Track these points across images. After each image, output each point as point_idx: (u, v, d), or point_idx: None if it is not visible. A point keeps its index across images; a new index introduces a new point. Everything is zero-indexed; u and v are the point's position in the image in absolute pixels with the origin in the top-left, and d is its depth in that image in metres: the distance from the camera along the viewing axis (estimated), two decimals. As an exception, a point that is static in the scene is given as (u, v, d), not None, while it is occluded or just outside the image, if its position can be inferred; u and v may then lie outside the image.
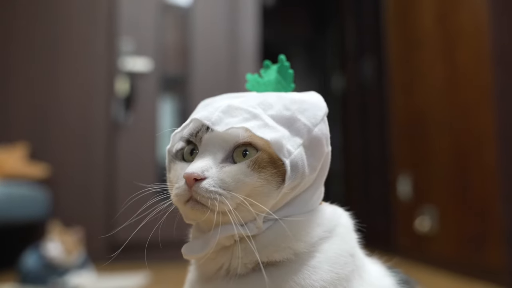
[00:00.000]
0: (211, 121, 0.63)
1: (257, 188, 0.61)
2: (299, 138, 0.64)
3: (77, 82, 3.53)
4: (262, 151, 0.62)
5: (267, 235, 0.64)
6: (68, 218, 3.29)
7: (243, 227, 0.62)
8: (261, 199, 0.62)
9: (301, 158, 0.63)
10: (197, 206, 0.61)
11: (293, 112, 0.65)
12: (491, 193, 2.48)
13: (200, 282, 0.68)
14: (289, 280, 0.62)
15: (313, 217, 0.68)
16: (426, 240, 3.13)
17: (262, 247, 0.63)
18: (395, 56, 3.73)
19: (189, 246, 0.65)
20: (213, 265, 0.66)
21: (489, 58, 2.51)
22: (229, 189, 0.60)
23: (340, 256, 0.66)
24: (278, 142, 0.61)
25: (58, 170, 3.39)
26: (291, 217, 0.65)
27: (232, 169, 0.61)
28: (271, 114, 0.64)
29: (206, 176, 0.60)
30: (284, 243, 0.64)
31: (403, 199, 3.51)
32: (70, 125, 3.49)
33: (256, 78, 0.75)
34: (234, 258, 0.65)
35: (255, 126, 0.61)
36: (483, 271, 2.52)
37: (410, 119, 3.44)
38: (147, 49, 3.63)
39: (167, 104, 3.88)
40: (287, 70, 0.73)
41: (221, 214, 0.60)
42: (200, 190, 0.60)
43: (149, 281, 2.63)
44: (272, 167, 0.62)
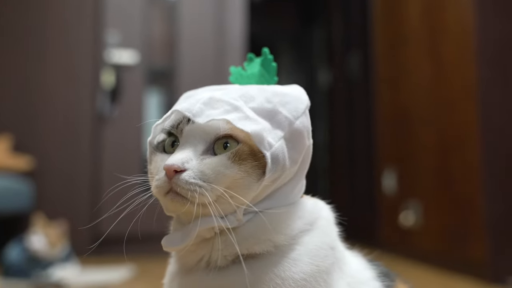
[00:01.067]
0: (192, 113, 0.62)
1: (238, 180, 0.61)
2: (280, 130, 0.64)
3: (62, 74, 3.50)
4: (243, 143, 0.62)
5: (247, 227, 0.64)
6: (53, 211, 3.27)
7: (223, 219, 0.62)
8: (242, 191, 0.62)
9: (282, 151, 0.63)
10: (177, 198, 0.61)
11: (275, 105, 0.65)
12: (474, 188, 2.51)
13: (180, 274, 0.68)
14: (269, 272, 0.62)
15: (294, 210, 0.68)
16: (410, 234, 3.16)
17: (242, 239, 0.63)
18: (382, 51, 3.75)
19: (169, 238, 0.65)
20: (193, 257, 0.66)
21: (474, 55, 2.53)
22: (209, 181, 0.60)
23: (320, 249, 0.66)
24: (259, 135, 0.61)
25: (43, 162, 3.36)
26: (272, 210, 0.65)
27: (213, 161, 0.61)
28: (252, 107, 0.64)
29: (186, 168, 0.60)
30: (264, 236, 0.64)
31: (388, 194, 3.53)
32: (55, 117, 3.46)
33: (239, 71, 0.75)
34: (214, 250, 0.65)
35: (236, 118, 0.61)
36: (466, 265, 2.55)
37: (396, 114, 3.47)
38: (133, 41, 3.61)
39: (153, 97, 3.86)
40: (270, 63, 0.73)
41: (201, 206, 0.60)
42: (180, 181, 0.59)
43: (133, 274, 2.63)
44: (253, 159, 0.62)
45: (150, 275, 2.59)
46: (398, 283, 0.75)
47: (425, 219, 3.00)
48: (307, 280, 0.62)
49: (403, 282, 0.76)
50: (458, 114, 2.67)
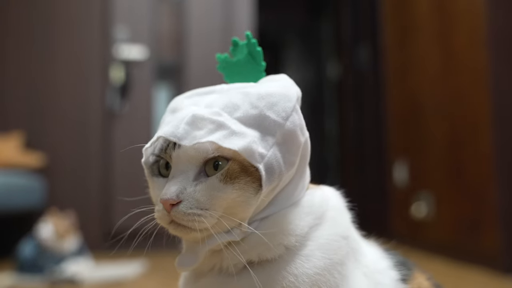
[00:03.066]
0: (177, 137, 0.61)
1: (234, 199, 0.60)
2: (271, 137, 0.62)
3: (72, 70, 3.52)
4: (232, 161, 0.61)
5: (255, 236, 0.63)
6: (64, 207, 3.29)
7: (229, 233, 0.62)
8: (241, 209, 0.61)
9: (275, 159, 0.61)
10: (179, 227, 0.61)
11: (261, 110, 0.62)
12: (487, 178, 2.49)
13: (193, 278, 0.68)
14: (282, 270, 0.62)
15: (300, 208, 0.67)
16: (422, 225, 3.15)
17: (252, 247, 0.63)
18: (391, 42, 3.72)
19: (181, 260, 0.65)
20: (206, 265, 0.66)
21: (484, 44, 2.50)
22: (206, 208, 0.60)
23: (332, 241, 0.65)
24: (248, 149, 0.59)
25: (54, 159, 3.38)
26: (277, 214, 0.65)
27: (205, 187, 0.60)
28: (237, 117, 0.62)
29: (181, 199, 0.59)
30: (274, 241, 0.63)
31: (399, 186, 3.52)
32: (66, 113, 3.48)
33: (226, 58, 0.73)
34: (224, 259, 0.64)
35: (221, 137, 0.59)
36: (479, 256, 2.53)
37: (406, 106, 3.44)
38: (142, 36, 3.61)
39: (162, 92, 3.86)
40: (255, 47, 0.69)
41: (205, 230, 0.60)
42: (178, 214, 0.59)
43: (145, 269, 2.64)
44: (245, 175, 0.61)
45: (162, 270, 2.60)
46: (415, 272, 0.74)
47: (437, 210, 2.98)
48: (321, 274, 0.62)
49: (420, 271, 0.75)
50: (469, 103, 2.65)
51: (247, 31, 2.69)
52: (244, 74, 0.71)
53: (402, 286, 0.70)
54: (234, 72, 0.72)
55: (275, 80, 0.69)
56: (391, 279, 0.70)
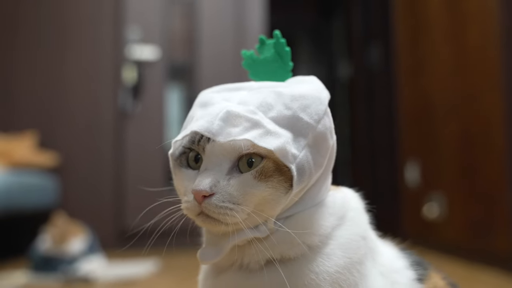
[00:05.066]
0: (212, 132, 0.61)
1: (266, 197, 0.61)
2: (303, 138, 0.63)
3: (84, 71, 3.54)
4: (267, 159, 0.61)
5: (279, 233, 0.64)
6: (77, 206, 3.33)
7: (255, 230, 0.63)
8: (271, 206, 0.62)
9: (306, 160, 0.62)
10: (208, 219, 0.61)
11: (295, 111, 0.63)
12: (499, 179, 2.48)
13: (213, 273, 0.69)
14: (304, 268, 0.63)
15: (324, 208, 0.68)
16: (434, 226, 3.14)
17: (275, 245, 0.63)
18: (402, 41, 3.71)
19: (203, 252, 0.65)
20: (227, 260, 0.67)
21: (497, 42, 2.49)
22: (238, 203, 0.60)
23: (352, 241, 0.66)
24: (282, 149, 0.60)
25: (67, 158, 3.41)
26: (302, 213, 0.66)
27: (239, 182, 0.61)
28: (271, 116, 0.62)
29: (214, 192, 0.60)
30: (297, 240, 0.63)
31: (410, 186, 3.51)
32: (78, 113, 3.51)
33: (252, 56, 0.72)
34: (246, 255, 0.65)
35: (257, 136, 0.60)
36: (491, 257, 2.52)
37: (418, 105, 3.43)
38: (154, 37, 3.63)
39: (174, 92, 3.88)
40: (283, 47, 0.70)
41: (234, 224, 0.61)
42: (210, 206, 0.60)
43: (158, 268, 2.66)
44: (279, 174, 0.61)
45: (175, 269, 2.61)
46: (431, 272, 0.74)
47: (449, 211, 2.97)
48: (341, 273, 0.63)
49: (436, 271, 0.76)
50: (482, 103, 2.63)
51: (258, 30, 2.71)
52: (270, 72, 0.71)
53: (418, 286, 0.71)
54: (259, 70, 0.72)
55: (306, 82, 0.69)
56: (408, 278, 0.71)
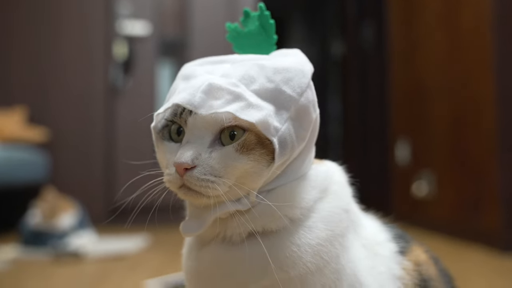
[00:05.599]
0: (193, 105, 0.61)
1: (248, 170, 0.61)
2: (285, 111, 0.63)
3: (75, 46, 3.51)
4: (249, 132, 0.61)
5: (261, 206, 0.64)
6: (68, 182, 3.32)
7: (237, 203, 0.63)
8: (253, 179, 0.62)
9: (289, 133, 0.62)
10: (190, 192, 0.61)
11: (277, 84, 0.63)
12: (488, 158, 2.50)
13: (196, 246, 0.69)
14: (285, 240, 0.63)
15: (306, 181, 0.68)
16: (423, 204, 3.17)
17: (257, 217, 0.63)
18: (396, 22, 3.69)
19: (186, 225, 0.65)
20: (209, 233, 0.67)
21: (490, 25, 2.48)
22: (219, 175, 0.60)
23: (334, 214, 0.66)
24: (264, 122, 0.60)
25: (57, 134, 3.40)
26: (284, 186, 0.66)
27: (221, 154, 0.61)
28: (254, 89, 0.62)
29: (196, 164, 0.60)
30: (279, 213, 0.64)
31: (401, 164, 3.53)
32: (69, 89, 3.48)
33: (236, 28, 0.72)
34: (228, 228, 0.65)
35: (238, 108, 0.60)
36: (478, 234, 2.55)
37: (410, 85, 3.43)
38: (145, 12, 3.59)
39: (166, 68, 3.86)
40: (267, 20, 0.69)
41: (215, 197, 0.61)
42: (192, 178, 0.60)
43: (148, 243, 2.67)
44: (261, 147, 0.61)
45: (164, 244, 2.63)
46: (413, 245, 0.75)
47: (438, 189, 3.00)
48: (323, 245, 0.63)
49: (418, 244, 0.77)
50: (473, 85, 2.64)
51: (251, 6, 2.67)
52: (255, 45, 0.71)
53: (400, 258, 0.72)
54: (244, 43, 0.72)
55: (290, 55, 0.69)
56: (390, 251, 0.72)
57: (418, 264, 0.72)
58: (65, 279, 1.97)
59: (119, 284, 1.84)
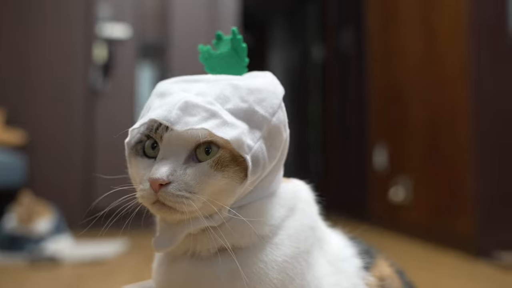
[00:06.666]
0: (170, 121, 0.61)
1: (222, 186, 0.62)
2: (258, 130, 0.64)
3: (54, 48, 3.48)
4: (224, 149, 0.62)
5: (232, 223, 0.65)
6: (46, 185, 3.29)
7: (209, 219, 0.64)
8: (226, 196, 0.63)
9: (261, 151, 0.64)
10: (164, 208, 0.61)
11: (250, 104, 0.64)
12: (463, 165, 2.54)
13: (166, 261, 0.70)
14: (253, 257, 0.64)
15: (276, 199, 0.69)
16: (399, 209, 3.20)
17: (228, 234, 0.64)
18: (375, 27, 3.74)
19: (157, 240, 0.66)
20: (179, 248, 0.67)
21: (467, 33, 2.53)
22: (194, 192, 0.61)
23: (300, 231, 0.68)
24: (238, 140, 0.61)
25: (35, 136, 3.36)
26: (254, 203, 0.67)
27: (196, 171, 0.62)
28: (228, 108, 0.64)
29: (171, 181, 0.60)
30: (249, 229, 0.65)
31: (378, 169, 3.57)
32: (48, 91, 3.45)
33: (208, 50, 0.73)
34: (198, 243, 0.66)
35: (214, 125, 0.61)
36: (453, 239, 2.60)
37: (388, 90, 3.48)
38: (125, 15, 3.58)
39: (146, 71, 3.84)
40: (240, 43, 0.71)
41: (189, 213, 0.61)
42: (167, 194, 0.60)
43: (126, 248, 2.66)
44: (235, 164, 0.62)
45: (143, 249, 2.62)
46: (378, 260, 0.77)
47: (415, 194, 3.04)
48: (289, 262, 0.65)
49: (383, 259, 0.78)
50: (450, 92, 2.68)
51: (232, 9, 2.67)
52: (226, 67, 0.72)
53: (365, 273, 0.73)
54: (215, 65, 0.73)
55: (261, 77, 0.70)
56: (354, 266, 0.73)
57: (382, 279, 0.74)
58: (41, 284, 1.96)
59: (96, 289, 1.84)
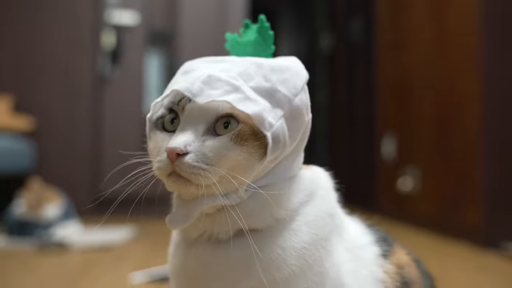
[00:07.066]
0: (192, 93, 0.62)
1: (240, 161, 0.61)
2: (280, 109, 0.64)
3: (63, 35, 3.47)
4: (244, 124, 0.62)
5: (249, 203, 0.65)
6: (54, 171, 3.30)
7: (226, 197, 0.63)
8: (244, 172, 0.62)
9: (282, 130, 0.63)
10: (180, 180, 0.61)
11: (273, 83, 0.64)
12: (472, 155, 2.53)
13: (183, 245, 0.69)
14: (270, 243, 0.64)
15: (294, 184, 0.69)
16: (407, 199, 3.20)
17: (244, 215, 0.63)
18: (384, 16, 3.70)
19: (172, 216, 0.65)
20: (195, 231, 0.67)
21: (477, 23, 2.50)
22: (211, 164, 0.60)
23: (319, 218, 0.68)
24: (259, 116, 0.61)
25: (44, 123, 3.37)
26: (273, 185, 0.66)
27: (215, 143, 0.61)
28: (251, 86, 0.63)
29: (189, 151, 0.59)
30: (266, 211, 0.65)
31: (386, 159, 3.55)
32: (56, 78, 3.45)
33: (235, 38, 0.74)
34: (216, 225, 0.65)
35: (236, 99, 0.61)
36: (461, 230, 2.59)
37: (397, 80, 3.45)
38: (134, 1, 3.57)
39: (154, 59, 3.84)
40: (267, 31, 0.71)
41: (204, 187, 0.60)
42: (183, 165, 0.59)
43: (134, 234, 2.67)
44: (254, 139, 0.62)
45: (150, 236, 2.63)
46: (395, 248, 0.77)
47: (423, 185, 3.03)
48: (307, 248, 0.65)
49: (401, 247, 0.78)
50: (459, 81, 2.66)
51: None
52: (253, 54, 0.72)
53: (383, 261, 0.73)
54: (242, 52, 0.73)
55: (286, 60, 0.71)
56: (373, 254, 0.73)
57: (400, 267, 0.74)
58: (50, 269, 1.97)
59: (105, 275, 1.84)
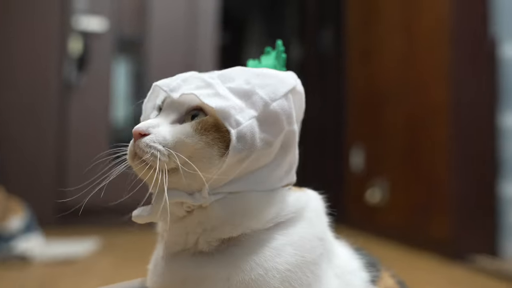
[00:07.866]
0: (169, 88, 0.65)
1: (198, 150, 0.62)
2: (254, 110, 0.64)
3: (28, 40, 3.38)
4: (210, 116, 0.64)
5: (217, 211, 0.64)
6: (17, 182, 3.20)
7: (190, 196, 0.63)
8: (202, 164, 0.62)
9: (250, 131, 0.62)
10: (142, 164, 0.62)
11: (253, 86, 0.65)
12: (440, 167, 2.55)
13: (164, 260, 0.68)
14: (250, 261, 0.62)
15: (269, 197, 0.67)
16: (376, 211, 3.21)
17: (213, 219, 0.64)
18: (354, 27, 3.74)
19: (138, 210, 0.66)
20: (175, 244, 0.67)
21: (447, 31, 2.54)
22: (168, 147, 0.62)
23: (306, 240, 0.66)
24: (224, 111, 0.62)
25: (6, 131, 3.27)
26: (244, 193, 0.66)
27: (176, 129, 0.63)
28: (229, 86, 0.65)
29: (150, 132, 0.62)
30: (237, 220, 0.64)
31: (355, 171, 3.57)
32: (20, 84, 3.36)
33: (256, 64, 0.77)
34: (190, 233, 0.65)
35: (204, 94, 0.63)
36: (429, 242, 2.61)
37: (366, 91, 3.48)
38: (102, 8, 3.51)
39: (122, 66, 3.78)
40: (281, 54, 0.75)
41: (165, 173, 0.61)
42: (141, 144, 0.62)
43: (98, 247, 2.60)
44: (216, 132, 0.63)
45: (115, 248, 2.57)
46: (383, 272, 0.76)
47: (391, 196, 3.05)
48: (292, 271, 0.62)
49: (386, 269, 0.78)
50: (429, 93, 2.69)
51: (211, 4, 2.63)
52: None
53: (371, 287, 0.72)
54: None
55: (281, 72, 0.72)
56: (362, 280, 0.72)
57: None
58: (11, 283, 1.90)
59: (69, 291, 1.79)
